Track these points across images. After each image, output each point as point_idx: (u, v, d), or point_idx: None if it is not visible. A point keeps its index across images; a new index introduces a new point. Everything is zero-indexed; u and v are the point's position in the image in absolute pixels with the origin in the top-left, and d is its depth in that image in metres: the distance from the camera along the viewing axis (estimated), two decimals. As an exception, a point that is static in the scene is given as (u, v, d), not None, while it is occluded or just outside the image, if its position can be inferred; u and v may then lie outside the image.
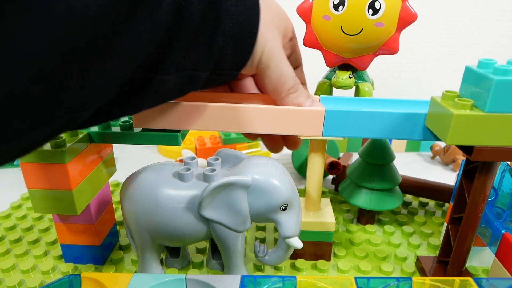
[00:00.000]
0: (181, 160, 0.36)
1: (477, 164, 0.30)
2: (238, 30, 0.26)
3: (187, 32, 0.23)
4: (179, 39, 0.23)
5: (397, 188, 0.45)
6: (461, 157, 0.61)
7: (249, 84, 0.36)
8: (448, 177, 0.59)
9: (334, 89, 0.38)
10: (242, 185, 0.31)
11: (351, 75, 0.36)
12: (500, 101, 0.26)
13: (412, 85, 0.83)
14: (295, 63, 0.35)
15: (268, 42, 0.28)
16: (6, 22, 0.14)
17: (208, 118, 0.32)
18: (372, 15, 0.32)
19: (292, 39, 0.33)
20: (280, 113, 0.32)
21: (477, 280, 0.30)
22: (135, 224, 0.33)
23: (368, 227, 0.45)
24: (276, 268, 0.38)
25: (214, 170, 0.32)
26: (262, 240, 0.43)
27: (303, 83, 0.34)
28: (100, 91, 0.19)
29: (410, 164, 0.64)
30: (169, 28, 0.22)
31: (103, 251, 0.39)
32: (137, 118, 0.33)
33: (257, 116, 0.32)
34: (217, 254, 0.37)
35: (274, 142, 0.35)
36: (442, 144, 0.65)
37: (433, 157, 0.66)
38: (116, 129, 0.34)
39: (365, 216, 0.46)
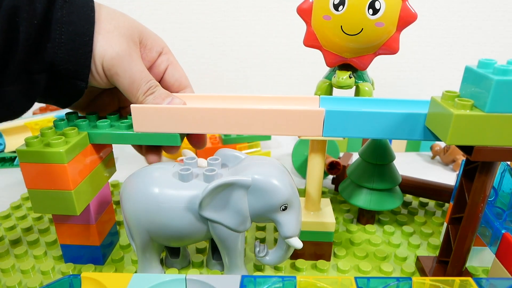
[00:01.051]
0: (181, 160, 0.36)
1: (477, 164, 0.30)
2: (70, 38, 0.28)
3: (22, 43, 0.26)
4: (17, 50, 0.26)
5: (397, 188, 0.45)
6: (461, 157, 0.61)
7: None
8: (448, 177, 0.59)
9: (334, 89, 0.38)
10: (242, 185, 0.31)
11: (351, 75, 0.36)
12: (500, 101, 0.26)
13: (412, 85, 0.83)
14: (177, 84, 0.36)
15: (110, 49, 0.29)
16: None
17: (208, 120, 0.32)
18: (372, 15, 0.32)
19: (166, 54, 0.35)
20: (280, 114, 0.32)
21: (477, 280, 0.30)
22: (135, 224, 0.33)
23: (368, 227, 0.45)
24: (276, 268, 0.38)
25: (214, 170, 0.32)
26: (262, 240, 0.43)
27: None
28: None
29: (410, 164, 0.64)
30: (6, 40, 0.25)
31: (103, 251, 0.39)
32: (136, 122, 0.33)
33: (257, 117, 0.32)
34: (217, 254, 0.37)
35: (197, 139, 0.37)
36: (442, 144, 0.65)
37: (433, 157, 0.66)
38: (116, 129, 0.34)
39: (365, 216, 0.46)
